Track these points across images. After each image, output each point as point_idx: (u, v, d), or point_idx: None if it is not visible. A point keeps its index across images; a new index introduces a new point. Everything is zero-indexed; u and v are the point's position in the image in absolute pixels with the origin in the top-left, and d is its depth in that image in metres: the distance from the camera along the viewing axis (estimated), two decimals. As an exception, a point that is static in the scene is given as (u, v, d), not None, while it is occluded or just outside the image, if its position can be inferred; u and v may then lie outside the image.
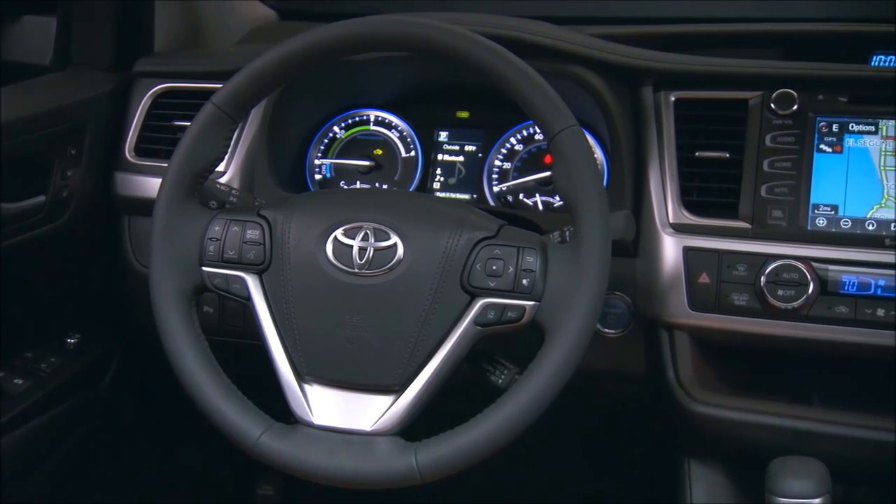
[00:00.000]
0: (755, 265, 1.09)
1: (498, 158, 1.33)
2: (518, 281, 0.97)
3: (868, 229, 1.09)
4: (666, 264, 1.13)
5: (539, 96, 0.97)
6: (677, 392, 1.13)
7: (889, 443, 1.06)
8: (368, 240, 1.00)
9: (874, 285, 1.06)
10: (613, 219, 1.03)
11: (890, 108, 1.11)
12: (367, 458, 0.95)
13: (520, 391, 0.94)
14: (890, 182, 1.09)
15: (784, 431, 1.09)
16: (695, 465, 1.17)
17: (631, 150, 1.19)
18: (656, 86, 1.19)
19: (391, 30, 1.01)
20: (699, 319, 1.12)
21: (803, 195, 1.11)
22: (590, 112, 1.22)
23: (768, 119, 1.14)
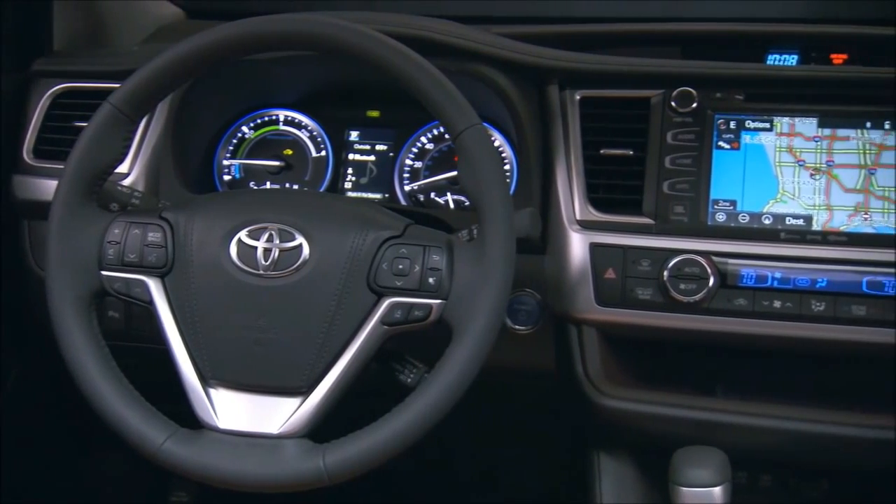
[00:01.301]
0: (658, 260, 1.11)
1: (409, 157, 1.33)
2: (424, 280, 0.98)
3: (764, 223, 1.12)
4: (573, 261, 1.15)
5: (442, 95, 0.98)
6: (585, 386, 1.15)
7: (786, 430, 1.10)
8: (273, 241, 0.99)
9: (770, 278, 1.09)
10: (519, 216, 1.04)
11: (784, 105, 1.14)
12: (274, 462, 0.94)
13: (427, 390, 0.94)
14: (785, 177, 1.13)
15: (688, 422, 1.12)
16: (604, 457, 1.19)
17: (538, 148, 1.20)
18: (562, 85, 1.21)
19: (292, 28, 1.00)
20: (606, 314, 1.14)
21: (703, 191, 1.14)
22: (499, 111, 1.23)
23: (669, 117, 1.16)
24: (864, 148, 1.11)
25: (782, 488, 1.20)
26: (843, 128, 1.12)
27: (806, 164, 1.12)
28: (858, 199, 1.10)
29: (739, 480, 1.20)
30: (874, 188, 1.10)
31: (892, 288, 1.06)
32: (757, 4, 1.33)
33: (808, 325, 1.08)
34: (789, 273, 1.09)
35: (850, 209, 1.10)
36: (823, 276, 1.08)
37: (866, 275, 1.07)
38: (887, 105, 1.11)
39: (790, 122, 1.14)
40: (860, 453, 1.10)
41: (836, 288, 1.07)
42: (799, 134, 1.13)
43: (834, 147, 1.12)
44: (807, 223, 1.11)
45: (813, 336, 1.09)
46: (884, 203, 1.09)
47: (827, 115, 1.13)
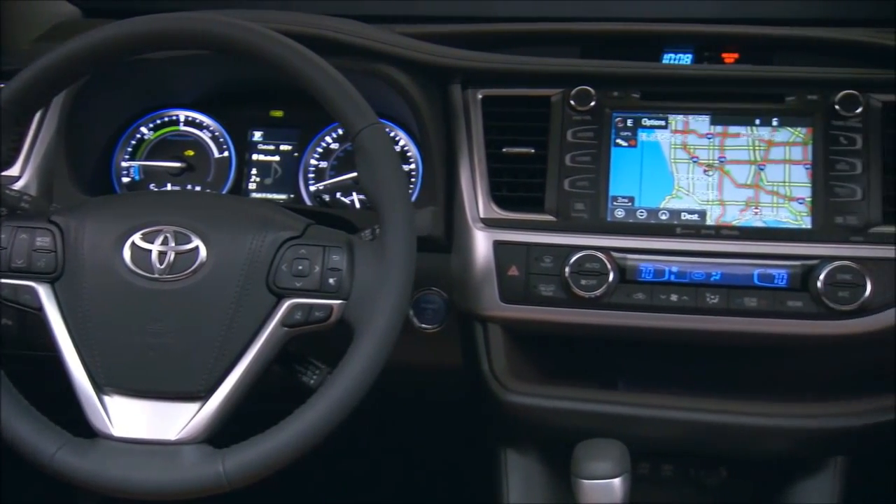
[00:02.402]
0: (560, 256, 1.13)
1: (314, 158, 1.32)
2: (324, 280, 0.97)
3: (661, 219, 1.15)
4: (478, 258, 1.16)
5: (340, 94, 0.98)
6: (491, 383, 1.16)
7: (685, 421, 1.13)
8: (168, 243, 0.97)
9: (668, 272, 1.12)
10: (420, 215, 1.05)
11: (679, 103, 1.17)
12: (172, 469, 0.93)
13: (327, 391, 0.94)
14: (680, 174, 1.16)
15: (590, 416, 1.14)
16: (511, 453, 1.20)
17: (441, 147, 1.21)
18: (464, 84, 1.21)
19: (185, 27, 0.98)
20: (510, 311, 1.15)
21: (602, 188, 1.16)
22: (404, 110, 1.23)
23: (569, 115, 1.18)
24: (753, 144, 1.15)
25: (683, 477, 1.23)
26: (734, 125, 1.16)
27: (700, 160, 1.16)
28: (749, 194, 1.14)
29: (642, 471, 1.23)
30: (764, 183, 1.14)
31: (781, 280, 1.09)
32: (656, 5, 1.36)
33: (703, 318, 1.11)
34: (685, 267, 1.12)
35: (742, 204, 1.13)
36: (717, 270, 1.11)
37: (757, 267, 1.10)
38: (775, 102, 1.15)
39: (684, 119, 1.17)
40: (756, 441, 1.14)
41: (730, 281, 1.11)
42: (693, 131, 1.17)
43: (726, 144, 1.15)
44: (701, 218, 1.14)
45: (708, 328, 1.12)
46: (773, 198, 1.13)
47: (719, 112, 1.16)
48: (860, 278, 1.06)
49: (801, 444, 1.12)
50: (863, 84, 1.13)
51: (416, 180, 1.28)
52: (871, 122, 1.12)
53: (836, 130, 1.12)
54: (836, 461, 1.14)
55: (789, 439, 1.12)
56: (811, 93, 1.14)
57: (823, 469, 1.14)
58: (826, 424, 1.10)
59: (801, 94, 1.14)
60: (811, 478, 1.15)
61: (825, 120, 1.13)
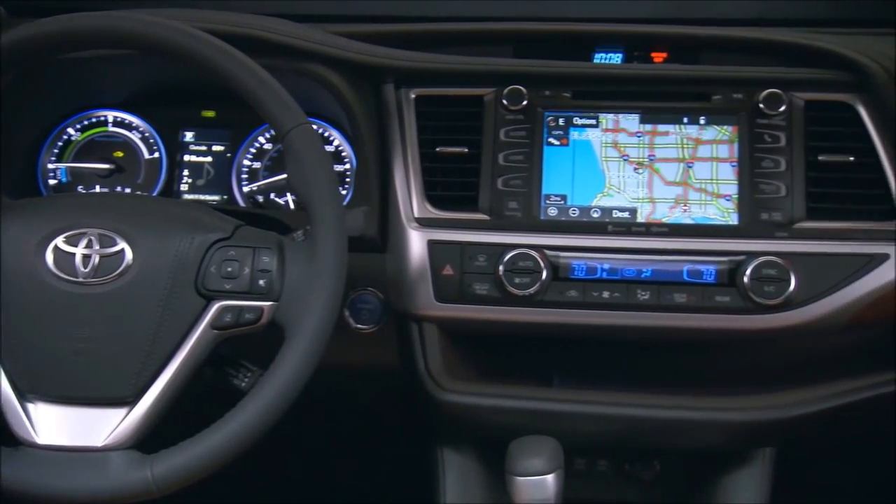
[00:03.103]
0: (494, 255, 1.13)
1: (247, 158, 1.31)
2: (254, 282, 0.97)
3: (593, 217, 1.16)
4: (412, 258, 1.16)
5: (267, 94, 0.97)
6: (427, 382, 1.16)
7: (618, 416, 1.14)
8: (93, 246, 0.95)
9: (600, 269, 1.13)
10: (352, 215, 1.05)
11: (609, 102, 1.19)
12: (98, 476, 0.91)
13: (258, 394, 0.93)
14: (611, 172, 1.17)
15: (526, 413, 1.15)
16: (448, 452, 1.20)
17: (375, 146, 1.20)
18: (397, 83, 1.21)
19: (110, 25, 0.97)
20: (445, 310, 1.15)
21: (535, 186, 1.17)
22: (338, 110, 1.23)
23: (501, 115, 1.18)
24: (682, 142, 1.17)
25: (618, 472, 1.24)
26: (662, 123, 1.17)
27: (630, 158, 1.17)
28: (678, 192, 1.15)
29: (578, 467, 1.24)
30: (692, 181, 1.15)
31: (709, 276, 1.11)
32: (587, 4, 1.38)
33: (634, 314, 1.13)
34: (617, 264, 1.13)
35: (671, 201, 1.15)
36: (648, 267, 1.13)
37: (686, 264, 1.12)
38: (702, 101, 1.17)
39: (615, 118, 1.18)
40: (688, 435, 1.16)
41: (660, 277, 1.12)
42: (623, 130, 1.18)
43: (655, 142, 1.17)
44: (632, 215, 1.15)
45: (640, 324, 1.13)
46: (701, 195, 1.15)
47: (648, 111, 1.18)
48: (785, 273, 1.09)
49: (732, 436, 1.14)
50: (786, 83, 1.15)
51: (350, 180, 1.28)
52: (794, 120, 1.14)
53: (760, 128, 1.14)
54: (765, 452, 1.17)
55: (720, 432, 1.14)
56: (736, 92, 1.16)
57: (753, 460, 1.17)
58: (756, 417, 1.13)
59: (727, 92, 1.16)
60: (741, 469, 1.17)
61: (750, 118, 1.15)
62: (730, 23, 1.29)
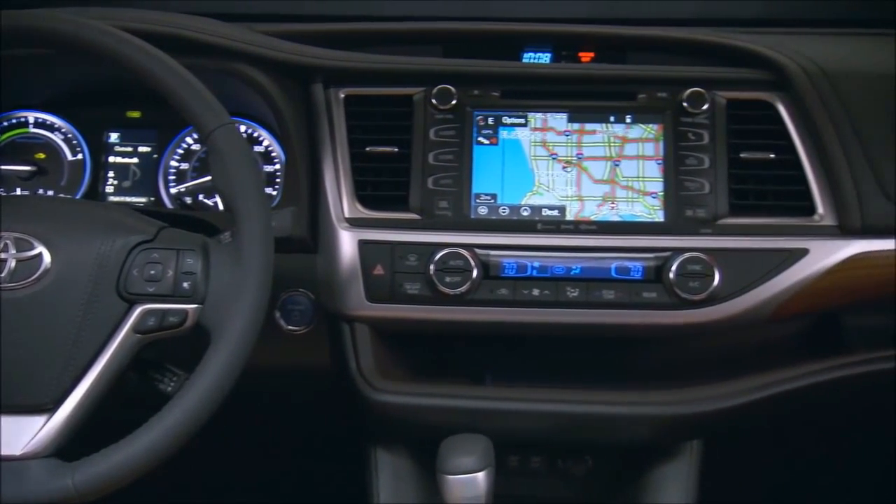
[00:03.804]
0: (425, 254, 1.14)
1: (174, 159, 1.29)
2: (178, 284, 0.95)
3: (523, 215, 1.17)
4: (343, 258, 1.15)
5: (190, 94, 0.96)
6: (359, 383, 1.16)
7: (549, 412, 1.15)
8: (9, 251, 0.93)
9: (530, 267, 1.14)
10: (279, 216, 1.04)
11: (537, 101, 1.20)
12: (18, 485, 0.89)
13: (182, 398, 0.91)
14: (540, 170, 1.18)
15: (458, 412, 1.15)
16: (381, 452, 1.20)
17: (305, 146, 1.19)
18: (326, 83, 1.20)
19: (26, 24, 0.95)
20: (376, 310, 1.15)
21: (465, 185, 1.17)
22: (266, 109, 1.22)
23: (431, 114, 1.19)
24: (609, 141, 1.18)
25: (551, 468, 1.25)
26: (590, 122, 1.19)
27: (558, 157, 1.18)
28: (606, 190, 1.17)
29: (512, 464, 1.25)
30: (619, 178, 1.17)
31: (637, 272, 1.13)
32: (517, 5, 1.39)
33: (564, 311, 1.14)
34: (546, 262, 1.14)
35: (599, 199, 1.17)
36: (577, 264, 1.14)
37: (615, 261, 1.13)
38: (628, 100, 1.18)
39: (543, 117, 1.19)
40: (618, 429, 1.17)
41: (589, 274, 1.13)
42: (551, 128, 1.19)
43: (583, 140, 1.18)
44: (561, 214, 1.16)
45: (569, 321, 1.14)
46: (628, 192, 1.16)
47: (576, 110, 1.19)
48: (709, 269, 1.11)
49: (660, 430, 1.16)
50: (708, 82, 1.17)
51: (280, 180, 1.27)
52: (717, 118, 1.16)
53: (684, 127, 1.16)
54: (692, 445, 1.19)
55: (649, 426, 1.16)
56: (661, 91, 1.18)
57: (681, 453, 1.19)
58: (683, 410, 1.14)
59: (652, 92, 1.18)
60: (669, 462, 1.19)
61: (674, 117, 1.17)
62: (656, 23, 1.31)
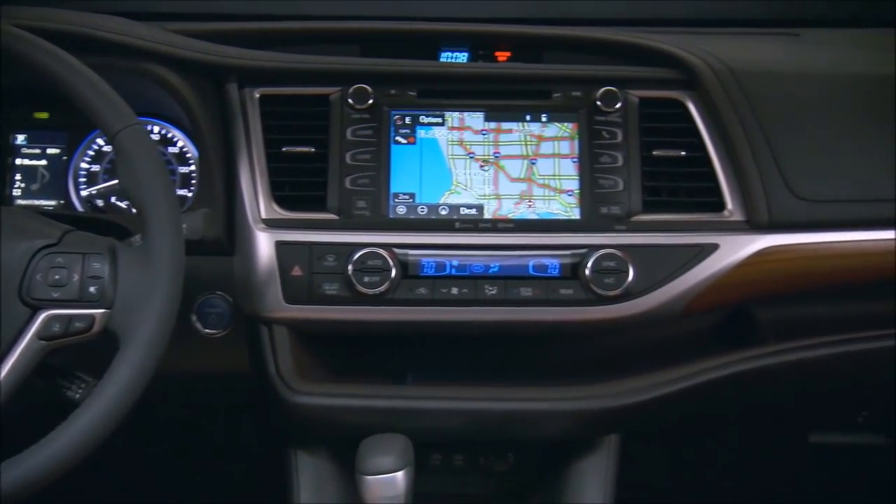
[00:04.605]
0: (343, 255, 1.13)
1: (84, 161, 1.26)
2: (84, 289, 0.93)
3: (441, 214, 1.17)
4: (260, 260, 1.14)
5: (94, 95, 0.94)
6: (277, 385, 1.14)
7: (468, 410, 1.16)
8: None
9: (448, 266, 1.14)
10: (191, 218, 1.02)
11: (454, 101, 1.20)
12: None
13: (90, 405, 0.89)
14: (458, 169, 1.18)
15: (378, 412, 1.15)
16: (301, 454, 1.19)
17: (219, 147, 1.18)
18: (240, 83, 1.19)
19: None
20: (295, 312, 1.14)
21: (383, 185, 1.17)
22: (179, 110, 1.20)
23: (348, 114, 1.18)
24: (525, 139, 1.19)
25: (473, 466, 1.26)
26: (506, 121, 1.19)
27: (476, 156, 1.19)
28: (523, 188, 1.18)
29: (435, 463, 1.25)
30: (536, 177, 1.18)
31: (554, 269, 1.14)
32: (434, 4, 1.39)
33: (483, 309, 1.14)
34: (465, 260, 1.14)
35: (516, 197, 1.17)
36: (495, 262, 1.14)
37: (532, 258, 1.14)
38: (544, 99, 1.20)
39: (460, 116, 1.19)
40: (538, 425, 1.18)
41: (507, 272, 1.14)
42: (468, 127, 1.19)
43: (500, 139, 1.19)
44: (479, 212, 1.17)
45: (488, 319, 1.15)
46: (545, 190, 1.17)
47: (492, 109, 1.20)
48: (623, 265, 1.13)
49: (579, 425, 1.17)
50: (621, 81, 1.19)
51: (195, 182, 1.24)
52: (630, 116, 1.18)
53: (598, 125, 1.18)
54: (611, 438, 1.20)
55: (567, 421, 1.17)
56: (575, 90, 1.19)
57: (599, 447, 1.20)
58: (600, 405, 1.16)
59: (567, 91, 1.19)
60: (588, 457, 1.20)
61: (589, 115, 1.18)
62: (573, 22, 1.32)
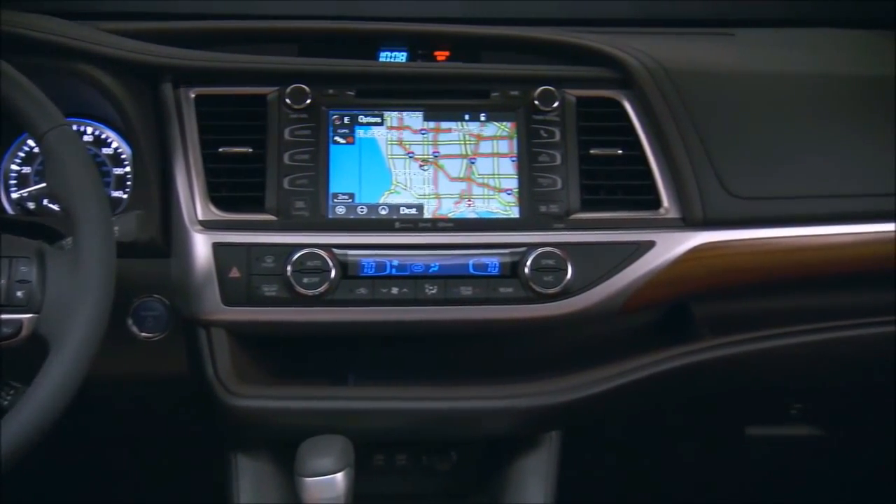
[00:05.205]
0: (281, 256, 1.12)
1: (15, 163, 1.23)
2: (11, 293, 0.91)
3: (381, 214, 1.17)
4: (197, 262, 1.13)
5: (19, 95, 0.92)
6: (217, 388, 1.13)
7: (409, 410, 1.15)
8: None
9: (388, 266, 1.14)
10: (123, 220, 1.01)
11: (393, 100, 1.20)
12: None
13: (18, 412, 0.87)
14: (397, 169, 1.18)
15: (318, 413, 1.14)
16: (241, 458, 1.17)
17: (154, 148, 1.16)
18: (175, 82, 1.17)
19: None
20: (233, 314, 1.13)
21: (322, 185, 1.16)
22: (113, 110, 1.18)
23: (285, 114, 1.17)
24: (464, 139, 1.19)
25: (416, 465, 1.26)
26: (445, 121, 1.19)
27: (415, 155, 1.19)
28: (462, 187, 1.18)
29: (377, 463, 1.25)
30: (475, 176, 1.18)
31: (493, 268, 1.14)
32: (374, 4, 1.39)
33: (424, 309, 1.14)
34: (405, 260, 1.14)
35: (456, 196, 1.17)
36: (435, 262, 1.14)
37: (472, 257, 1.15)
38: (482, 98, 1.20)
39: (399, 116, 1.19)
40: (480, 424, 1.18)
41: (447, 271, 1.14)
42: (407, 127, 1.19)
43: (439, 139, 1.19)
44: (419, 212, 1.17)
45: (429, 318, 1.15)
46: (484, 189, 1.18)
47: (431, 108, 1.20)
48: (562, 263, 1.13)
49: (519, 422, 1.17)
50: (558, 80, 1.20)
51: (130, 183, 1.23)
52: (567, 115, 1.19)
53: (536, 124, 1.19)
54: (552, 435, 1.21)
55: (508, 419, 1.17)
56: (513, 89, 1.20)
57: (541, 444, 1.21)
58: (540, 402, 1.16)
59: (505, 90, 1.20)
60: (530, 454, 1.20)
61: (527, 115, 1.19)
62: (510, 22, 1.33)
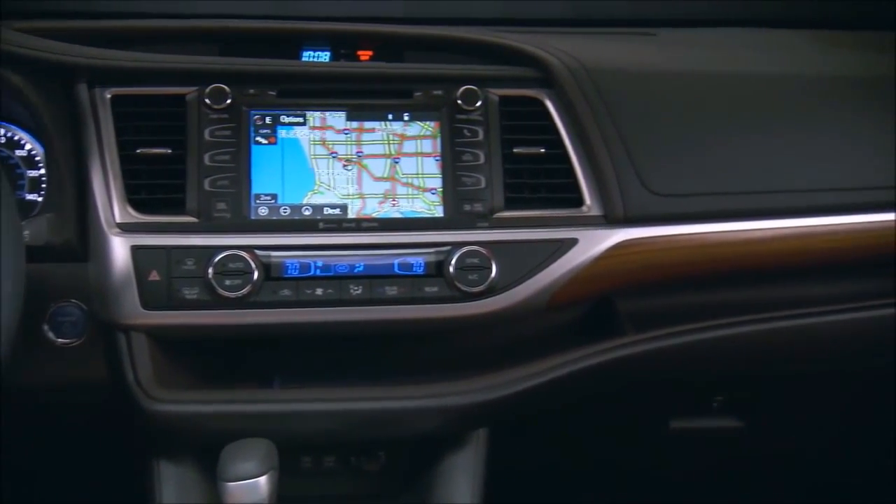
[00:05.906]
0: (203, 258, 1.10)
1: (-78, 166, 1.19)
2: None
3: (305, 215, 1.16)
4: (116, 265, 1.10)
5: None
6: (137, 394, 1.10)
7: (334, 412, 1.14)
8: None
9: (313, 267, 1.13)
10: (34, 224, 0.99)
11: (316, 100, 1.19)
12: None
13: None
14: (320, 169, 1.17)
15: (242, 417, 1.12)
16: (164, 464, 1.15)
17: (70, 149, 1.13)
18: (91, 83, 1.15)
19: None
20: (153, 318, 1.11)
21: (244, 186, 1.15)
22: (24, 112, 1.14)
23: (205, 114, 1.16)
24: (388, 138, 1.19)
25: (345, 466, 1.25)
26: (369, 120, 1.19)
27: (338, 155, 1.18)
28: (386, 187, 1.18)
29: (305, 465, 1.23)
30: (399, 175, 1.18)
31: (419, 267, 1.14)
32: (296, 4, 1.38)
33: (349, 309, 1.14)
34: (330, 261, 1.14)
35: (380, 196, 1.17)
36: (360, 262, 1.14)
37: (397, 257, 1.14)
38: (405, 98, 1.20)
39: (322, 115, 1.19)
40: (406, 423, 1.17)
41: (372, 271, 1.14)
42: (330, 127, 1.19)
43: (362, 139, 1.19)
44: (343, 212, 1.16)
45: (354, 319, 1.14)
46: (408, 189, 1.18)
47: (354, 108, 1.19)
48: (487, 261, 1.14)
49: (446, 420, 1.17)
50: (481, 80, 1.21)
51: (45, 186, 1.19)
52: (490, 115, 1.20)
53: (459, 123, 1.19)
54: (479, 433, 1.21)
55: (437, 417, 1.17)
56: (436, 89, 1.20)
57: (468, 442, 1.21)
58: (466, 400, 1.16)
59: (428, 90, 1.20)
60: (458, 452, 1.20)
61: (450, 114, 1.19)
62: (433, 22, 1.33)
